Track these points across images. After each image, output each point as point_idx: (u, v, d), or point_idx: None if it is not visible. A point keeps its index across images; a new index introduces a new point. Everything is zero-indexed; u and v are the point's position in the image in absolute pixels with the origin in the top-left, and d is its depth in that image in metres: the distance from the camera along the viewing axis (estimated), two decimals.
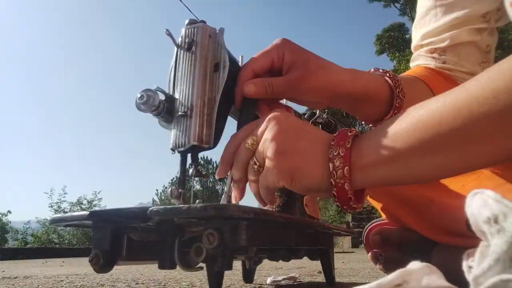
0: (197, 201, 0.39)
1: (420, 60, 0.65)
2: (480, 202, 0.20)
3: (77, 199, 11.26)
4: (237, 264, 0.61)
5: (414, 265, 0.21)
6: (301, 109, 0.68)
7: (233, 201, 0.43)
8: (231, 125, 0.53)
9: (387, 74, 0.52)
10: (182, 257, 0.37)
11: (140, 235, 0.41)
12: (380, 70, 0.53)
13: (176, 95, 0.44)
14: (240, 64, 0.50)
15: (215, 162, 17.38)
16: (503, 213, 0.19)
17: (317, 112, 0.65)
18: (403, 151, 0.33)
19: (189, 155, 0.44)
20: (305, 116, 0.65)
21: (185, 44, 0.45)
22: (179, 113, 0.43)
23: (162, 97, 0.43)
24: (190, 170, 0.43)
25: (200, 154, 0.45)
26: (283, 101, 0.53)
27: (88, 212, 0.39)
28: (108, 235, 0.39)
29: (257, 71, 0.46)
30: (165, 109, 0.43)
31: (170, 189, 0.42)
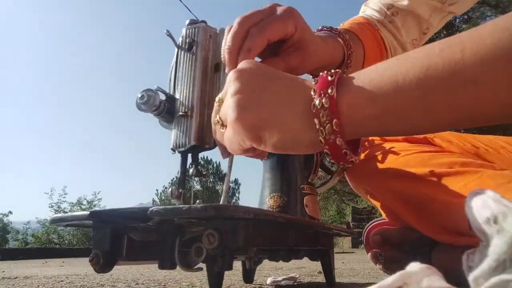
0: (197, 201, 0.39)
1: (374, 6, 0.63)
2: (479, 202, 0.20)
3: (77, 199, 11.29)
4: (237, 265, 0.61)
5: (414, 266, 0.21)
6: None
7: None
8: None
9: (340, 36, 0.52)
10: (182, 257, 0.37)
11: (140, 235, 0.41)
12: (332, 31, 0.53)
13: (177, 95, 0.44)
14: None
15: (215, 162, 17.41)
16: (502, 213, 0.19)
17: None
18: (398, 101, 0.29)
19: (189, 155, 0.44)
20: None
21: (185, 44, 0.45)
22: (180, 113, 0.43)
23: (162, 97, 0.43)
24: (191, 170, 0.43)
25: (200, 154, 0.45)
26: None
27: (88, 212, 0.39)
28: (108, 235, 0.39)
29: (271, 41, 0.41)
30: (165, 109, 0.43)
31: (170, 189, 0.42)
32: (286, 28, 0.42)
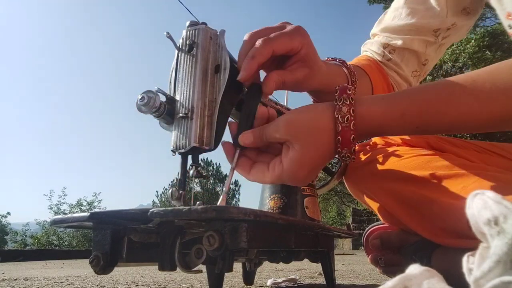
0: (198, 202, 0.39)
1: (372, 47, 0.70)
2: (480, 203, 0.20)
3: (76, 200, 11.27)
4: (238, 266, 0.60)
5: (414, 269, 0.21)
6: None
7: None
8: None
9: (344, 65, 0.57)
10: (182, 258, 0.37)
11: (141, 237, 0.41)
12: (337, 60, 0.58)
13: (177, 97, 0.44)
14: None
15: (216, 163, 17.41)
16: (503, 214, 0.19)
17: None
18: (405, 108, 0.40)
19: (189, 157, 0.44)
20: None
21: (186, 46, 0.45)
22: (180, 114, 0.43)
23: (163, 98, 0.43)
24: (191, 172, 0.43)
25: (201, 156, 0.45)
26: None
27: (89, 214, 0.39)
28: (109, 237, 0.39)
29: (276, 53, 0.44)
30: (166, 111, 0.43)
31: (170, 190, 0.42)
32: (292, 43, 0.45)
